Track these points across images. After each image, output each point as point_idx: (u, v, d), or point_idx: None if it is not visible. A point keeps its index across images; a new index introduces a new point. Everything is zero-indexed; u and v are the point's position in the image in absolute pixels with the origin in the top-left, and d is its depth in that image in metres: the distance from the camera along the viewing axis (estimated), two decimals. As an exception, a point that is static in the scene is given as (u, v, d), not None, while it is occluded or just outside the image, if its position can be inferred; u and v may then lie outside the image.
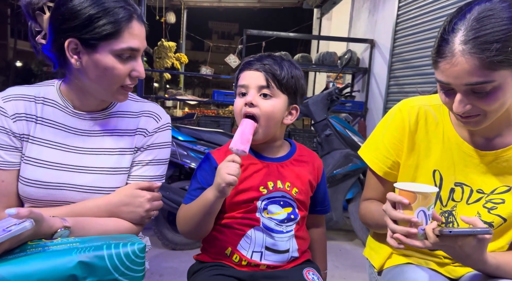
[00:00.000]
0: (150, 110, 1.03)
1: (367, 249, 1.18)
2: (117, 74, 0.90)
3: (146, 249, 1.10)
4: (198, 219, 0.98)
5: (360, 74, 4.83)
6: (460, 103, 0.84)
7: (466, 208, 0.99)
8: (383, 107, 4.06)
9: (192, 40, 21.43)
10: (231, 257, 1.02)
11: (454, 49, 0.80)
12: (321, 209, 1.17)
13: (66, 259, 0.72)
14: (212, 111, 7.28)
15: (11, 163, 0.94)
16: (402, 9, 3.88)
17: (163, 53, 7.45)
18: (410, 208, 0.80)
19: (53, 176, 0.94)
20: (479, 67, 0.78)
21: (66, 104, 0.98)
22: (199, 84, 35.89)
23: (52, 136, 0.96)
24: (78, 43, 0.88)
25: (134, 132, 1.01)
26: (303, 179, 1.07)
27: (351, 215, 2.89)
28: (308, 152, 1.14)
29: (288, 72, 1.01)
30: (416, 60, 3.53)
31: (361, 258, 2.88)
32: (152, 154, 1.01)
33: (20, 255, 0.74)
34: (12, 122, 0.93)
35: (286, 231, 1.03)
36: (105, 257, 0.74)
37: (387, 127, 1.07)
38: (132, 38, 0.89)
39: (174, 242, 2.62)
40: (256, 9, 8.70)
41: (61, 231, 0.83)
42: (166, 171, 1.08)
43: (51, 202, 0.95)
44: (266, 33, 4.64)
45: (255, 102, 0.98)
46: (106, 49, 0.88)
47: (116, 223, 0.95)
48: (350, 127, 3.01)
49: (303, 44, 11.98)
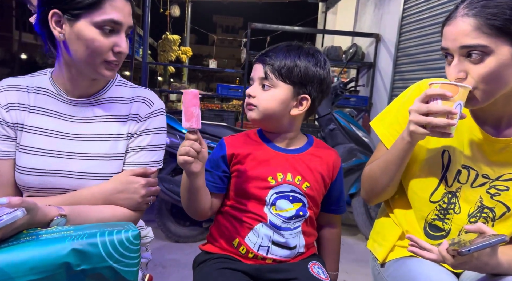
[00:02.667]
0: (142, 95, 1.03)
1: (370, 242, 1.18)
2: (98, 46, 0.89)
3: (148, 239, 1.11)
4: (186, 197, 0.99)
5: (365, 68, 4.80)
6: (454, 68, 0.88)
7: (470, 191, 1.00)
8: (387, 102, 4.04)
9: (196, 34, 21.39)
10: (238, 248, 1.02)
11: (458, 13, 0.86)
12: (335, 208, 1.14)
13: (59, 246, 0.72)
14: (216, 105, 7.27)
15: (5, 153, 0.95)
16: (408, 3, 3.84)
17: (167, 46, 7.43)
18: (451, 101, 0.84)
19: (48, 163, 0.94)
20: (475, 28, 0.83)
21: (59, 91, 0.98)
22: (203, 78, 35.89)
23: (45, 124, 0.97)
24: (61, 14, 0.88)
25: (126, 118, 1.00)
26: (316, 174, 1.05)
27: (354, 210, 2.89)
28: (326, 148, 1.11)
29: (291, 60, 0.99)
30: (422, 54, 3.50)
31: (363, 253, 2.89)
32: (146, 139, 1.01)
33: (14, 244, 0.73)
34: (5, 112, 0.94)
35: (294, 228, 1.03)
36: (98, 244, 0.73)
37: (403, 103, 1.07)
38: (114, 11, 0.88)
39: (177, 234, 2.64)
40: (260, 2, 8.65)
41: (57, 219, 0.83)
42: (170, 164, 1.07)
43: (47, 189, 0.95)
44: (271, 27, 4.61)
45: (254, 93, 1.01)
46: (87, 20, 0.87)
47: (113, 210, 0.95)
48: (354, 121, 3.00)
49: (308, 38, 11.91)
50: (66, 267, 0.72)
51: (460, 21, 0.85)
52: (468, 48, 0.84)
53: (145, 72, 4.41)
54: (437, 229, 1.04)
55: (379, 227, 1.16)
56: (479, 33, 0.83)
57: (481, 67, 0.84)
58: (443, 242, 0.84)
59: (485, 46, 0.82)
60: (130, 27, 0.94)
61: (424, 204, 1.04)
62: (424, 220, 1.05)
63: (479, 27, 0.82)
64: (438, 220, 1.03)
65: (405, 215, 1.08)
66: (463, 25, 0.84)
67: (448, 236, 1.03)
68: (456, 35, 0.86)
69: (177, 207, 2.62)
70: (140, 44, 4.71)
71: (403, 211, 1.09)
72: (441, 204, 1.02)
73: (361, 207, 2.87)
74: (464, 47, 0.85)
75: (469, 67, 0.86)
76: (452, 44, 0.87)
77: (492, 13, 0.82)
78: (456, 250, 0.79)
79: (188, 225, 2.69)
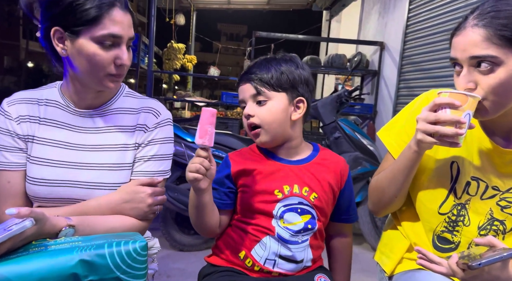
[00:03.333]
0: (149, 106, 1.04)
1: (377, 253, 1.17)
2: (100, 60, 0.90)
3: (155, 251, 1.11)
4: (194, 214, 0.99)
5: (369, 76, 4.80)
6: (463, 78, 0.87)
7: (479, 203, 0.99)
8: (392, 110, 4.03)
9: (201, 42, 21.53)
10: (244, 260, 1.02)
11: (468, 24, 0.85)
12: (346, 217, 1.12)
13: (67, 257, 0.72)
14: (220, 113, 7.27)
15: (16, 164, 0.96)
16: (413, 11, 3.85)
17: (173, 54, 7.48)
18: (459, 111, 0.83)
19: (57, 174, 0.96)
20: (485, 39, 0.82)
21: (67, 103, 1.00)
22: (207, 86, 36.05)
23: (55, 135, 0.98)
24: (62, 31, 0.90)
25: (134, 128, 1.01)
26: (324, 184, 1.04)
27: (360, 219, 2.87)
28: (332, 156, 1.10)
29: (276, 70, 1.01)
30: (427, 63, 3.50)
31: (370, 262, 2.85)
32: (154, 149, 1.02)
33: (23, 254, 0.74)
34: (16, 124, 0.97)
35: (301, 241, 1.02)
36: (106, 255, 0.74)
37: (411, 112, 1.05)
38: (113, 25, 0.89)
39: (182, 243, 2.63)
40: (265, 11, 8.71)
41: (65, 230, 0.84)
42: (175, 172, 1.08)
43: (57, 199, 0.96)
44: (275, 35, 4.63)
45: (252, 112, 1.00)
46: (87, 36, 0.89)
47: (121, 220, 0.95)
48: (359, 130, 2.99)
49: (312, 46, 11.94)
50: (74, 278, 0.72)
51: (470, 31, 0.85)
52: (478, 59, 0.84)
53: (150, 80, 4.43)
54: (446, 242, 1.03)
55: (387, 238, 1.15)
56: (489, 43, 0.82)
57: (491, 78, 0.83)
58: (453, 255, 0.83)
59: (495, 56, 0.82)
60: (131, 39, 0.95)
61: (433, 216, 1.02)
62: (433, 232, 1.03)
63: (489, 37, 0.82)
64: (447, 232, 1.02)
65: (413, 227, 1.07)
66: (473, 35, 0.84)
67: (458, 249, 1.01)
68: (465, 45, 0.85)
69: (181, 215, 2.62)
70: (146, 53, 4.74)
71: (411, 223, 1.08)
72: (450, 216, 1.01)
73: (367, 216, 2.85)
74: (474, 58, 0.84)
75: (478, 78, 0.85)
76: (462, 55, 0.86)
77: (502, 24, 0.82)
78: (466, 264, 0.78)
79: (193, 233, 2.68)
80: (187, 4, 8.21)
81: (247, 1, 8.22)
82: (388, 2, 4.43)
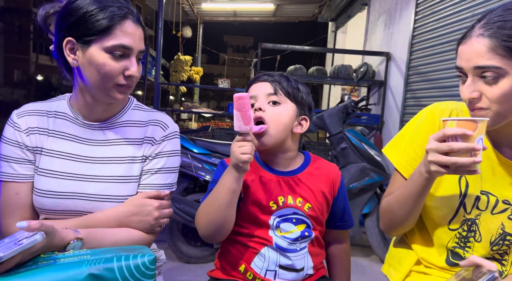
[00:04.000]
0: (157, 119, 1.05)
1: (385, 266, 1.15)
2: (109, 70, 0.91)
3: (160, 263, 1.10)
4: (219, 210, 0.94)
5: (375, 87, 4.80)
6: (468, 87, 0.86)
7: (490, 218, 0.96)
8: (399, 120, 4.01)
9: (207, 54, 21.71)
10: (245, 274, 1.01)
11: (473, 33, 0.84)
12: (341, 224, 1.12)
13: (76, 271, 0.72)
14: (226, 124, 7.31)
15: (25, 176, 0.97)
16: (419, 22, 3.86)
17: (179, 66, 7.56)
18: (471, 138, 0.80)
19: (64, 186, 0.96)
20: (490, 50, 0.81)
21: (76, 116, 1.01)
22: (214, 97, 36.26)
23: (63, 147, 0.99)
24: (74, 42, 0.91)
25: (141, 141, 1.02)
26: (317, 194, 1.04)
27: (367, 230, 2.84)
28: (325, 164, 1.11)
29: (293, 84, 1.06)
30: (433, 73, 3.49)
31: (378, 275, 2.80)
32: (161, 162, 1.02)
33: (32, 268, 0.74)
34: (25, 136, 0.97)
35: (300, 249, 1.01)
36: (115, 269, 0.74)
37: (416, 128, 1.04)
38: (124, 36, 0.91)
39: (188, 255, 2.61)
40: (271, 22, 8.79)
41: (73, 242, 0.84)
42: (181, 183, 1.08)
43: (63, 211, 0.96)
44: (281, 47, 4.66)
45: (263, 108, 1.01)
46: (98, 46, 0.90)
47: (128, 233, 0.95)
48: (366, 140, 2.98)
49: (318, 57, 11.98)
50: None
51: (475, 41, 0.84)
52: (482, 69, 0.83)
53: (158, 92, 4.47)
54: (459, 257, 1.00)
55: (395, 251, 1.13)
56: (494, 54, 0.81)
57: (496, 88, 0.83)
58: (450, 278, 0.82)
59: (499, 67, 0.81)
60: (142, 52, 0.96)
61: (443, 232, 1.01)
62: (446, 248, 1.01)
63: (494, 48, 0.81)
64: (459, 248, 1.00)
65: (422, 242, 1.05)
66: (478, 45, 0.83)
67: None
68: (470, 55, 0.84)
69: (188, 227, 2.61)
70: (153, 65, 4.79)
71: (420, 238, 1.06)
72: (460, 232, 0.99)
73: (375, 228, 2.81)
74: (478, 68, 0.83)
75: (483, 88, 0.84)
76: (466, 64, 0.85)
77: (508, 34, 0.80)
78: None
79: (199, 245, 2.67)
80: (194, 17, 8.32)
81: (253, 13, 8.31)
82: (394, 12, 4.45)
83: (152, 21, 33.82)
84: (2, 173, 0.96)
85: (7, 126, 0.98)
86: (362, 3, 5.68)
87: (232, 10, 8.07)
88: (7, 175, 0.96)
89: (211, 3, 7.59)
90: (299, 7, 7.75)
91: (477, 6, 2.88)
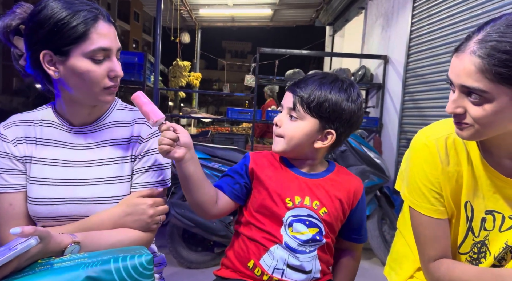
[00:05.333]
0: (142, 117, 1.04)
1: (387, 268, 1.15)
2: (94, 76, 0.91)
3: (161, 266, 1.10)
4: (184, 191, 0.99)
5: (374, 89, 4.81)
6: (453, 102, 0.84)
7: (499, 236, 0.94)
8: (398, 123, 4.02)
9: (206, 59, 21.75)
10: (253, 270, 1.01)
11: (468, 47, 0.79)
12: (356, 237, 1.12)
13: (73, 274, 0.71)
14: (226, 128, 7.32)
15: (17, 186, 0.97)
16: (416, 25, 3.87)
17: (178, 72, 7.57)
18: None
19: (56, 192, 0.96)
20: (478, 71, 0.77)
21: (62, 122, 1.01)
22: (212, 102, 36.30)
23: (52, 154, 0.99)
24: (51, 54, 0.90)
25: (129, 140, 1.02)
26: (335, 201, 1.03)
27: (368, 233, 2.83)
28: (348, 176, 1.09)
29: (322, 95, 0.98)
30: (431, 75, 3.50)
31: (379, 277, 2.80)
32: (151, 160, 1.02)
33: (28, 273, 0.73)
34: (13, 147, 0.97)
35: (309, 251, 1.01)
36: (112, 271, 0.73)
37: (418, 167, 0.97)
38: (101, 38, 0.90)
39: (189, 260, 2.61)
40: (269, 27, 8.82)
41: (71, 246, 0.84)
42: (181, 189, 1.08)
43: (58, 218, 0.96)
44: (279, 51, 4.67)
45: (280, 123, 1.03)
46: (78, 53, 0.89)
47: (125, 233, 0.95)
48: (365, 143, 2.99)
49: (316, 62, 12.02)
50: None
51: (467, 57, 0.79)
52: (468, 89, 0.80)
53: (156, 98, 4.48)
54: None
55: (396, 254, 1.13)
56: (482, 76, 0.77)
57: (479, 109, 0.80)
58: None
59: (485, 91, 0.77)
60: (119, 50, 0.96)
61: (453, 257, 0.98)
62: None
63: (483, 70, 0.76)
64: None
65: None
66: (468, 63, 0.78)
67: None
68: (459, 71, 0.81)
69: (189, 232, 2.60)
70: (152, 71, 4.80)
71: None
72: (471, 255, 0.97)
73: (375, 230, 2.81)
74: (464, 87, 0.80)
75: (468, 105, 0.82)
76: (455, 79, 0.82)
77: (500, 58, 0.75)
78: None
79: (200, 250, 2.66)
80: (192, 22, 8.36)
81: (251, 18, 8.35)
82: (391, 16, 4.47)
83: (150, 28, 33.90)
84: None
85: None
86: (359, 7, 5.71)
87: (230, 16, 8.11)
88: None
89: (209, 9, 7.62)
90: (296, 12, 7.79)
91: (474, 9, 2.90)
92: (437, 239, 0.95)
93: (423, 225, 0.96)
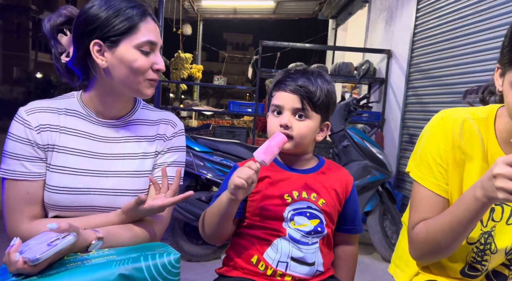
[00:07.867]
0: (167, 118, 1.12)
1: (392, 266, 1.15)
2: (141, 65, 0.96)
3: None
4: (215, 222, 1.00)
5: (376, 84, 4.79)
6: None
7: (505, 228, 0.95)
8: (400, 118, 4.00)
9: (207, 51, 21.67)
10: (257, 265, 1.02)
11: None
12: (351, 228, 1.13)
13: (107, 272, 0.74)
14: (227, 121, 7.29)
15: (37, 174, 0.97)
16: (420, 19, 3.84)
17: (180, 64, 7.55)
18: None
19: (80, 182, 0.98)
20: None
21: (89, 113, 1.03)
22: (213, 95, 36.27)
23: (76, 144, 1.00)
24: (101, 43, 0.94)
25: (154, 137, 1.07)
26: (330, 191, 1.06)
27: (369, 228, 2.84)
28: (337, 167, 1.15)
29: (322, 91, 1.03)
30: (435, 70, 3.48)
31: (380, 272, 2.81)
32: (173, 156, 1.08)
33: (62, 270, 0.75)
34: (36, 134, 0.97)
35: (312, 243, 1.03)
36: (143, 269, 0.76)
37: (431, 140, 0.98)
38: (149, 32, 0.97)
39: (190, 253, 2.61)
40: (271, 20, 8.76)
41: (95, 242, 0.87)
42: (183, 181, 1.11)
43: (78, 207, 0.98)
44: (282, 44, 4.64)
45: (290, 124, 1.02)
46: (127, 44, 0.95)
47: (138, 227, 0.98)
48: (368, 138, 2.97)
49: (318, 55, 11.97)
50: None
51: None
52: None
53: (158, 90, 4.45)
54: (475, 270, 1.00)
55: (401, 251, 1.13)
56: None
57: None
58: None
59: None
60: (161, 47, 1.02)
61: (461, 246, 0.96)
62: (465, 262, 1.00)
63: None
64: (476, 263, 0.98)
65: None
66: None
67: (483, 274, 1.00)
68: None
69: (190, 225, 2.61)
70: (153, 63, 4.78)
71: None
72: (478, 246, 0.97)
73: (377, 226, 2.82)
74: None
75: None
76: None
77: None
78: None
79: (201, 243, 2.67)
80: (194, 14, 8.30)
81: (253, 10, 8.29)
82: (395, 10, 4.44)
83: (151, 19, 33.69)
84: (11, 171, 0.94)
85: (15, 123, 0.96)
86: (363, 1, 5.66)
87: (232, 7, 8.05)
88: (18, 173, 0.95)
89: (211, 0, 7.57)
90: (299, 5, 7.73)
91: (480, 3, 2.87)
92: (427, 207, 0.96)
93: (422, 200, 0.97)
